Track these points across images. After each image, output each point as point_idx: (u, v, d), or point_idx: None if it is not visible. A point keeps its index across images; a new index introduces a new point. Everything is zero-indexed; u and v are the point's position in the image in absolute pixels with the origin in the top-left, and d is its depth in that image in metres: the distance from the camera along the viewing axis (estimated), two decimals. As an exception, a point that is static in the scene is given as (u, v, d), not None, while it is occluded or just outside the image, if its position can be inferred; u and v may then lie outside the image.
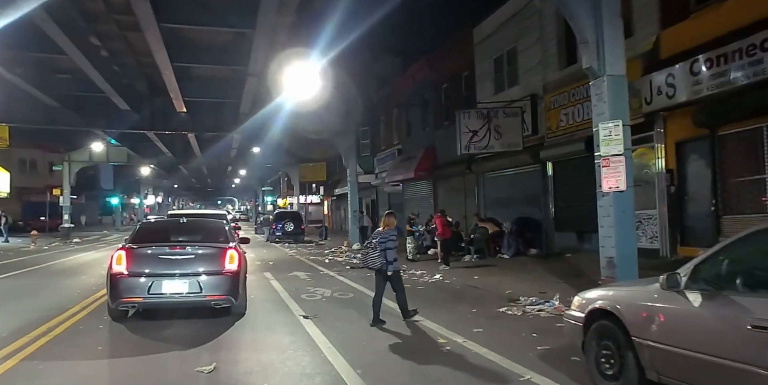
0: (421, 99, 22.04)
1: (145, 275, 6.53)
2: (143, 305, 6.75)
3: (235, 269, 6.81)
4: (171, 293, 6.55)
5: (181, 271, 6.61)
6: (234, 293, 6.75)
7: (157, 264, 6.64)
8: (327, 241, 24.88)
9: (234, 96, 16.10)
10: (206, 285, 6.60)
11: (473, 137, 13.34)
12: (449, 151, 19.34)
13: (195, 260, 6.73)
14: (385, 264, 6.52)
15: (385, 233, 6.63)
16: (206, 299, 6.65)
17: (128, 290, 6.49)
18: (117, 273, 6.53)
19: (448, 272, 11.90)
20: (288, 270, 12.98)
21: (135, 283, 6.50)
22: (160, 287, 6.50)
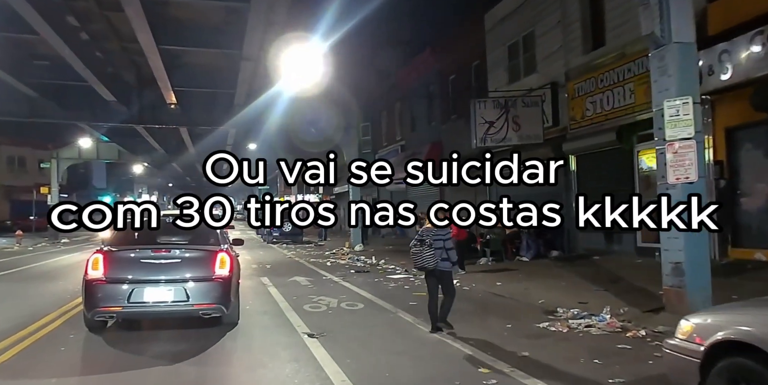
0: (426, 92, 20.90)
1: (125, 281, 5.79)
2: (122, 314, 5.96)
3: (226, 274, 6.03)
4: (154, 301, 5.80)
5: (166, 277, 5.88)
6: (225, 302, 6.00)
7: (139, 269, 5.90)
8: (327, 241, 23.71)
9: (228, 86, 14.90)
10: (194, 293, 5.84)
11: (489, 129, 12.20)
12: (457, 146, 18.20)
13: (181, 265, 5.97)
14: (443, 264, 6.08)
15: (438, 230, 6.12)
16: (193, 309, 5.88)
17: (106, 299, 5.73)
18: (93, 279, 5.77)
19: (465, 278, 10.75)
20: (287, 274, 11.82)
21: (113, 290, 5.74)
22: (142, 295, 5.75)
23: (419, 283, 10.47)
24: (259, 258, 16.29)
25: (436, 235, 6.09)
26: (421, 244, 6.06)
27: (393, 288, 9.90)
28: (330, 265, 14.21)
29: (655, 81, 6.07)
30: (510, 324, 6.51)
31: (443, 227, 6.18)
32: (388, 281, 10.89)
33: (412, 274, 11.79)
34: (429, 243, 6.00)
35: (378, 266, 13.83)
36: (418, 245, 6.09)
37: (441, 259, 6.01)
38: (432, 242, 6.01)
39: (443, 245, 6.04)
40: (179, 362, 5.04)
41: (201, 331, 6.16)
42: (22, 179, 36.88)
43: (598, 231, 11.84)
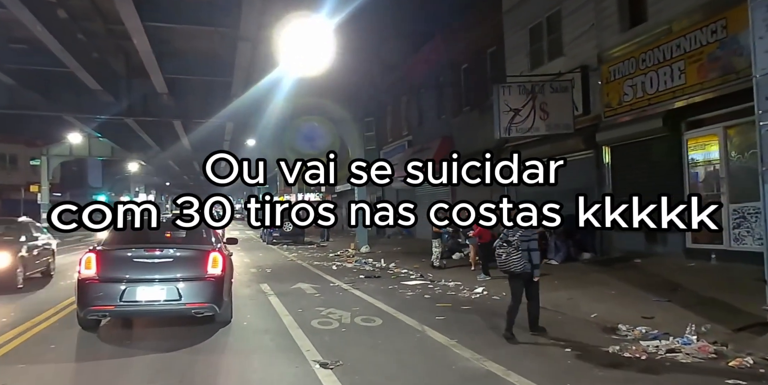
0: (436, 83, 19.62)
1: (117, 280, 5.78)
2: (115, 313, 6.00)
3: (218, 273, 6.09)
4: (147, 300, 5.81)
5: (159, 276, 5.89)
6: (217, 301, 6.05)
7: (132, 268, 5.89)
8: (330, 242, 22.45)
9: (224, 73, 13.64)
10: (186, 292, 5.86)
11: (515, 117, 10.94)
12: (471, 140, 16.98)
13: (174, 264, 5.99)
14: (529, 267, 5.69)
15: (527, 231, 5.76)
16: (186, 308, 5.90)
17: (99, 298, 5.74)
18: (86, 278, 5.78)
19: (491, 284, 9.50)
20: (290, 280, 10.56)
21: (106, 289, 5.75)
22: (135, 294, 5.76)
23: (439, 290, 9.26)
24: (258, 261, 15.04)
25: (524, 236, 5.68)
26: (507, 245, 5.70)
27: (412, 297, 8.66)
28: (336, 269, 12.96)
29: (761, 38, 4.82)
30: (569, 348, 5.25)
31: (530, 226, 5.79)
32: (403, 288, 9.65)
33: (429, 279, 10.58)
34: (516, 245, 5.62)
35: (389, 269, 12.59)
36: (505, 246, 5.73)
37: (528, 261, 5.66)
38: (519, 243, 5.63)
39: (529, 246, 5.65)
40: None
41: (190, 357, 4.93)
42: (13, 178, 35.62)
43: (637, 230, 10.61)
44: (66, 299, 7.73)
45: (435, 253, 11.88)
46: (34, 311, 7.22)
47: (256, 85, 13.14)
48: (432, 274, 11.27)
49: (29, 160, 32.05)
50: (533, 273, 5.73)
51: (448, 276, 10.75)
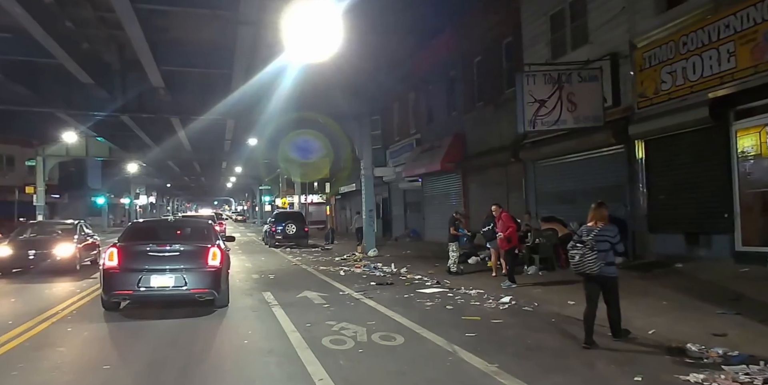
0: (446, 78, 18.72)
1: (134, 270, 6.97)
2: (133, 297, 7.26)
3: (217, 265, 7.24)
4: (159, 286, 6.99)
5: (169, 266, 7.03)
6: (216, 287, 7.23)
7: (146, 260, 7.05)
8: (334, 245, 21.52)
9: (224, 64, 12.73)
10: (191, 280, 7.05)
11: (540, 109, 10.00)
12: (485, 137, 16.07)
13: (181, 257, 7.15)
14: (604, 268, 5.24)
15: (603, 228, 5.34)
16: (190, 293, 7.11)
17: (120, 284, 6.99)
18: (109, 268, 7.02)
19: (518, 293, 8.57)
20: (295, 288, 9.64)
21: (126, 277, 6.96)
22: (149, 281, 6.95)
23: (461, 300, 8.32)
24: (260, 265, 14.12)
25: (600, 235, 5.25)
26: (582, 245, 5.27)
27: (432, 309, 7.72)
28: (344, 275, 12.03)
29: None
30: (639, 376, 4.30)
31: (608, 225, 5.36)
32: (421, 297, 8.71)
33: (447, 287, 9.64)
34: (591, 245, 5.20)
35: (401, 275, 11.65)
36: (579, 246, 5.31)
37: (605, 263, 5.21)
38: (594, 243, 5.21)
39: (609, 247, 5.24)
40: None
41: None
42: (10, 179, 34.79)
43: (676, 232, 9.67)
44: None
45: (452, 257, 10.94)
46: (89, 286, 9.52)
47: (258, 74, 12.21)
48: (449, 280, 10.35)
49: (26, 161, 31.19)
50: (615, 273, 5.30)
51: (468, 283, 9.82)
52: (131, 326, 6.79)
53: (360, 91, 17.12)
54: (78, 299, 8.65)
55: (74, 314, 7.35)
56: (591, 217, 5.49)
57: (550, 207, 13.05)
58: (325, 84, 15.97)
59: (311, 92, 15.70)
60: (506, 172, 15.14)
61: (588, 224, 5.47)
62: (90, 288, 9.68)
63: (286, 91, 14.87)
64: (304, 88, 15.13)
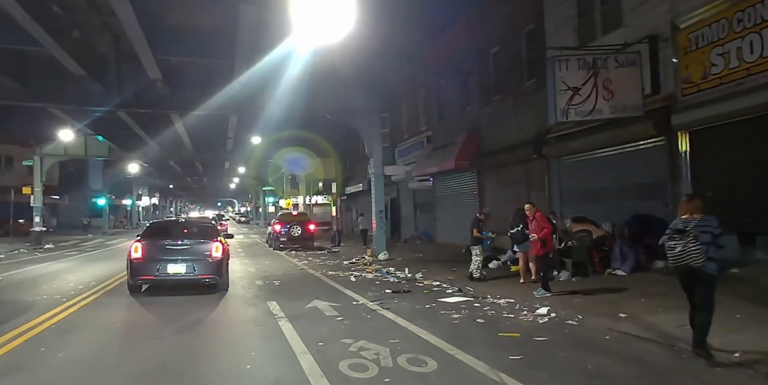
0: (460, 71, 17.77)
1: (154, 259, 8.82)
2: (153, 282, 9.10)
3: (219, 256, 9.13)
4: (173, 272, 8.82)
5: (181, 257, 8.88)
6: (218, 274, 9.15)
7: (163, 252, 8.90)
8: (341, 247, 20.57)
9: (224, 52, 11.81)
10: (198, 267, 8.92)
11: (573, 98, 9.02)
12: (503, 133, 15.10)
13: (190, 250, 9.00)
14: (707, 263, 4.63)
15: (702, 219, 4.79)
16: (198, 278, 8.98)
17: (143, 270, 8.89)
18: (135, 258, 8.92)
19: (555, 302, 7.59)
20: (303, 297, 8.69)
21: (148, 265, 8.84)
22: (166, 269, 8.80)
23: (490, 311, 7.35)
24: (264, 270, 13.18)
25: (701, 225, 4.71)
26: (681, 235, 4.67)
27: (461, 322, 6.75)
28: (355, 281, 11.06)
29: None
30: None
31: (706, 216, 4.81)
32: (444, 307, 7.75)
33: (471, 295, 8.67)
34: (695, 234, 4.61)
35: (417, 281, 10.69)
36: (677, 237, 4.70)
37: (708, 257, 4.62)
38: (698, 233, 4.63)
39: (711, 239, 4.66)
40: None
41: None
42: (9, 179, 33.98)
43: (728, 233, 8.64)
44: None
45: (475, 262, 9.96)
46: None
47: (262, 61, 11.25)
48: (472, 288, 9.38)
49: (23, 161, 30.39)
50: (711, 271, 4.68)
51: (494, 291, 8.84)
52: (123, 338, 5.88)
53: (370, 84, 16.22)
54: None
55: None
56: (684, 210, 4.96)
57: (577, 207, 12.09)
58: (333, 78, 15.08)
59: (318, 87, 14.81)
60: (526, 170, 14.16)
61: (682, 217, 4.93)
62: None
63: (291, 84, 13.97)
64: (311, 82, 14.24)
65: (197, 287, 9.03)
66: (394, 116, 23.56)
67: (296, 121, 21.97)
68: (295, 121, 21.57)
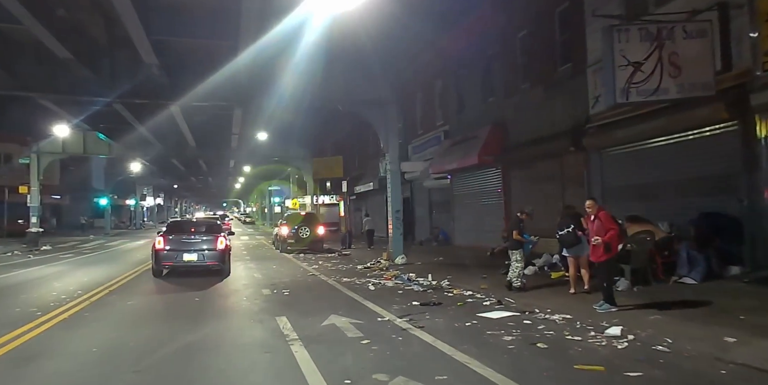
0: (482, 59, 16.43)
1: (174, 250, 11.19)
2: (173, 267, 11.37)
3: (223, 248, 11.45)
4: (187, 260, 11.19)
5: (193, 248, 11.28)
6: (222, 261, 11.41)
7: (181, 244, 11.32)
8: (352, 250, 19.27)
9: (228, 32, 10.50)
10: (206, 256, 11.25)
11: (635, 74, 7.66)
12: (533, 125, 13.72)
13: (200, 242, 11.43)
14: None
15: None
16: (207, 265, 11.31)
17: (165, 259, 11.22)
18: (159, 249, 11.21)
19: (626, 320, 6.23)
20: (318, 310, 7.39)
21: (169, 254, 11.19)
22: (183, 257, 11.17)
23: (546, 330, 6.04)
24: (272, 276, 11.89)
25: None
26: None
27: (517, 347, 5.41)
28: (374, 289, 9.74)
29: None
30: None
31: None
32: (489, 325, 6.42)
33: (514, 308, 7.36)
34: None
35: (444, 290, 9.38)
36: None
37: None
38: None
39: None
40: None
41: None
42: (10, 178, 32.91)
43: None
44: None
45: (515, 269, 8.58)
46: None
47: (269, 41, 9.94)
48: (513, 299, 8.05)
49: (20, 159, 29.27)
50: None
51: (540, 303, 7.51)
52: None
53: (385, 73, 14.92)
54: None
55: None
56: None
57: (623, 205, 10.62)
58: (345, 65, 13.79)
59: (329, 75, 13.51)
60: (561, 165, 12.78)
61: None
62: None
63: (299, 72, 12.70)
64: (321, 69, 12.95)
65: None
66: (408, 111, 22.22)
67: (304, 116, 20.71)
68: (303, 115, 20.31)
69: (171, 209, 79.43)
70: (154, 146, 25.99)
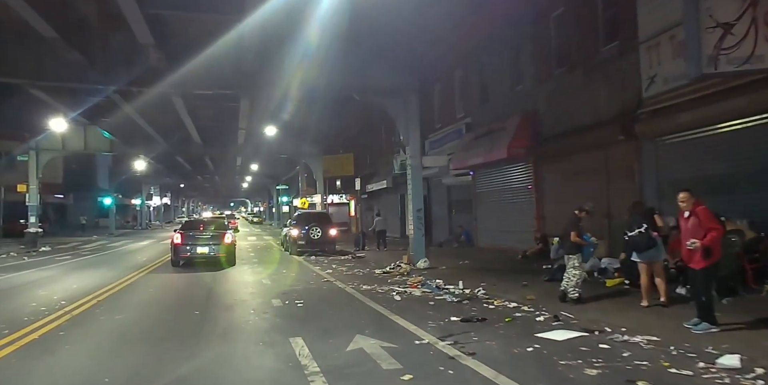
0: (511, 44, 15.07)
1: (189, 244, 13.39)
2: (188, 259, 13.50)
3: (229, 242, 13.85)
4: (200, 253, 13.40)
5: (205, 243, 13.54)
6: (229, 254, 13.82)
7: (195, 239, 13.57)
8: (366, 251, 17.97)
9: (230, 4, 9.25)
10: (216, 249, 13.45)
11: (724, 38, 6.28)
12: (569, 113, 12.35)
13: (211, 238, 13.76)
14: None
15: None
16: (216, 256, 13.46)
17: (182, 251, 13.34)
18: (177, 243, 13.40)
19: (735, 343, 4.86)
20: (339, 329, 6.09)
21: (185, 248, 13.33)
22: (196, 250, 13.37)
23: (636, 358, 4.70)
24: (282, 282, 10.61)
25: None
26: None
27: (609, 383, 4.07)
28: (401, 300, 8.42)
29: None
30: None
31: None
32: (556, 351, 5.09)
33: (580, 326, 6.02)
34: None
35: (484, 301, 8.04)
36: None
37: None
38: None
39: None
40: None
41: None
42: (10, 177, 31.96)
43: None
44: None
45: (573, 277, 7.21)
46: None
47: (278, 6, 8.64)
48: (572, 314, 6.71)
49: (18, 156, 28.24)
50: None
51: (610, 320, 6.19)
52: None
53: (405, 58, 13.62)
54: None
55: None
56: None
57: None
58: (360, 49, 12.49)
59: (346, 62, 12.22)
60: (606, 156, 11.39)
61: None
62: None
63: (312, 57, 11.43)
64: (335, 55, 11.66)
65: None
66: (425, 104, 20.69)
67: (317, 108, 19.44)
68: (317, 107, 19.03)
69: (178, 208, 78.56)
70: (159, 143, 24.87)
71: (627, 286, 8.23)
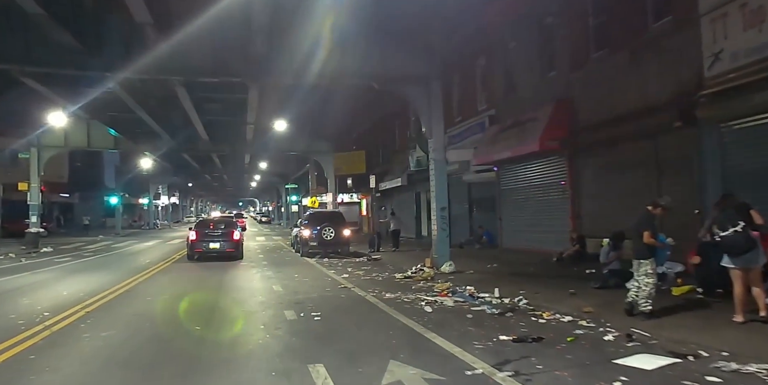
0: (540, 28, 13.86)
1: (202, 240, 15.35)
2: (202, 254, 15.33)
3: (237, 238, 15.81)
4: (212, 248, 15.30)
5: (216, 239, 15.46)
6: (237, 249, 15.83)
7: (208, 236, 15.51)
8: (382, 253, 16.84)
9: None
10: (225, 245, 15.41)
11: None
12: (610, 100, 11.10)
13: (221, 235, 15.64)
14: None
15: None
16: (226, 251, 15.36)
17: (197, 247, 15.33)
18: (192, 240, 15.37)
19: None
20: (366, 352, 4.98)
21: (199, 243, 15.32)
22: (208, 246, 15.28)
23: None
24: (295, 289, 9.48)
25: None
26: None
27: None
28: (431, 311, 7.26)
29: None
30: None
31: None
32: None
33: (666, 349, 4.87)
34: None
35: (530, 314, 6.88)
36: None
37: None
38: None
39: None
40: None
41: None
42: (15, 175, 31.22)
43: None
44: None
45: (645, 286, 5.99)
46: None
47: None
48: (646, 331, 5.55)
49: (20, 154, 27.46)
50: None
51: (701, 340, 5.07)
52: None
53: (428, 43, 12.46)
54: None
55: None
56: None
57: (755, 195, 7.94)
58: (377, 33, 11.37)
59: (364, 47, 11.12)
60: (656, 147, 10.15)
61: None
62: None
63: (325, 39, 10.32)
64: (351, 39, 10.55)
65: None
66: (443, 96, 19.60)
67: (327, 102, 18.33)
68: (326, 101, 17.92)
69: (186, 208, 77.95)
70: (165, 140, 23.90)
71: (700, 295, 7.02)
